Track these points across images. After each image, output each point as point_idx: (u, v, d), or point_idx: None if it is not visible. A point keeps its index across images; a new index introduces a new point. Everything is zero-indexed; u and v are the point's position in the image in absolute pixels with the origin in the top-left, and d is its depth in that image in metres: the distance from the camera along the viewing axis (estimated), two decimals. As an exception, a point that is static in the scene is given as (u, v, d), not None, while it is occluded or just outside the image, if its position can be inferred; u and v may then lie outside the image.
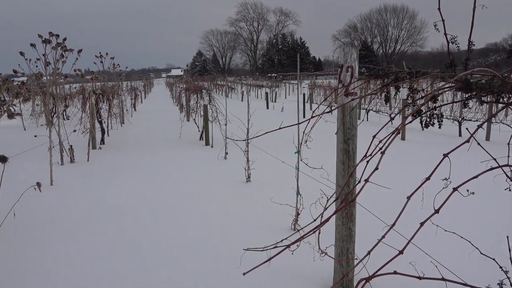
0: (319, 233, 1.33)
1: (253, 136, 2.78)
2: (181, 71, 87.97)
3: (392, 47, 74.06)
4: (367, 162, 1.36)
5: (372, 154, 1.34)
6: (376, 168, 1.10)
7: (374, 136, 1.37)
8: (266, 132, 1.73)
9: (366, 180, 1.04)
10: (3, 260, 2.77)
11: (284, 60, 79.09)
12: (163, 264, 2.68)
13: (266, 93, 19.32)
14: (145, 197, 4.26)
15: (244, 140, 3.98)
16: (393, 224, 1.17)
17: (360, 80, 2.14)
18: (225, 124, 6.32)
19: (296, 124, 1.91)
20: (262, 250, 1.43)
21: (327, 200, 1.60)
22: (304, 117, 12.51)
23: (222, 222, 3.46)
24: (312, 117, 1.70)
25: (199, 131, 8.82)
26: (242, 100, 24.01)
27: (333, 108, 1.81)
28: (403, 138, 7.92)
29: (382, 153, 1.08)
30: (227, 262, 2.66)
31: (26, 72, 6.02)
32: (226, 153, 6.25)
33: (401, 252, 1.10)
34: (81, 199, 4.24)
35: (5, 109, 3.29)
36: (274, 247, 1.45)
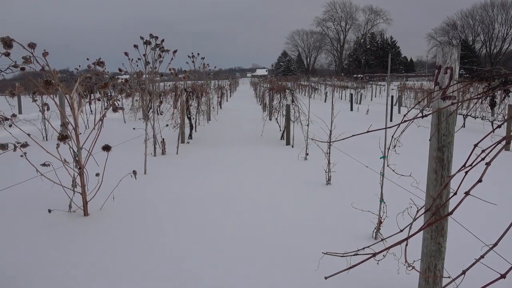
0: (407, 245, 1.24)
1: (337, 138, 2.71)
2: (266, 71, 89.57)
3: (498, 46, 66.34)
4: (466, 172, 1.23)
5: (473, 164, 1.21)
6: (480, 181, 0.99)
7: (476, 145, 1.24)
8: (354, 135, 1.66)
9: (467, 193, 0.94)
10: (102, 236, 3.11)
11: (371, 61, 75.84)
12: (239, 261, 2.76)
13: (351, 95, 18.73)
14: (225, 191, 4.42)
15: (326, 142, 3.90)
16: (495, 244, 1.04)
17: (460, 82, 1.95)
18: (307, 125, 6.27)
19: (384, 128, 1.81)
20: (342, 256, 1.38)
21: (417, 211, 1.49)
22: (391, 120, 11.86)
23: (300, 223, 3.44)
24: (403, 121, 1.59)
25: (280, 130, 8.90)
26: (325, 101, 23.62)
27: (427, 112, 1.67)
28: (507, 149, 7.06)
29: (488, 164, 0.97)
30: (304, 264, 2.64)
31: (129, 70, 6.68)
32: (307, 154, 6.21)
33: (503, 276, 0.97)
34: (170, 188, 4.56)
35: (111, 103, 3.68)
36: (354, 254, 1.40)
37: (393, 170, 2.24)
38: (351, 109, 17.08)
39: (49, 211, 3.48)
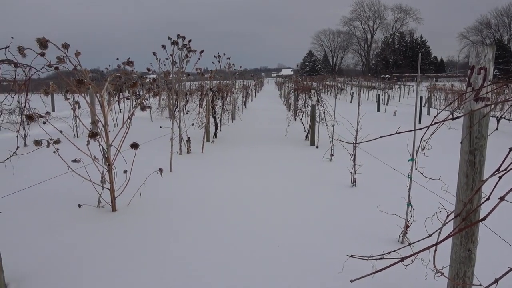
0: (436, 250, 1.21)
1: (363, 139, 2.66)
2: (291, 71, 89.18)
3: (536, 45, 63.31)
4: (500, 177, 1.18)
5: (507, 169, 1.16)
6: (515, 186, 0.95)
7: (511, 149, 1.19)
8: (381, 136, 1.63)
9: (502, 198, 0.90)
10: (129, 231, 3.19)
11: (400, 61, 74.11)
12: (262, 262, 2.76)
13: (378, 95, 18.36)
14: (248, 190, 4.44)
15: (352, 143, 3.84)
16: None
17: (494, 83, 1.88)
18: (333, 126, 6.20)
19: (413, 130, 1.77)
20: (367, 259, 1.36)
21: (447, 216, 1.44)
22: (420, 122, 11.55)
23: (324, 225, 3.41)
24: (433, 123, 1.55)
25: (305, 131, 8.84)
26: (351, 102, 23.28)
27: (459, 114, 1.62)
28: (544, 153, 6.72)
29: (524, 168, 0.93)
30: (328, 267, 2.61)
31: (156, 70, 6.82)
32: (332, 155, 6.14)
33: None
34: (194, 186, 4.62)
35: (139, 102, 3.77)
36: (380, 258, 1.37)
37: (422, 173, 2.18)
38: (378, 110, 16.75)
39: (79, 205, 3.60)
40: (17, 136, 3.34)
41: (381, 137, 1.65)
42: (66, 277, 2.45)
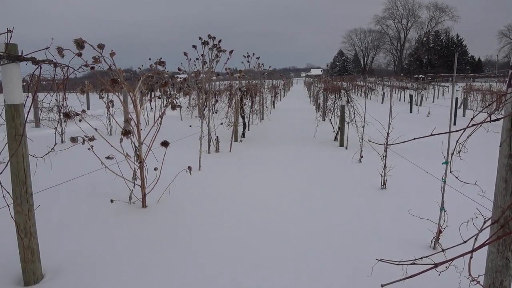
0: (471, 257, 1.16)
1: (395, 141, 2.59)
2: (321, 71, 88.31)
3: None
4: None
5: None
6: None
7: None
8: (415, 138, 1.58)
9: (544, 206, 0.85)
10: (159, 227, 3.26)
11: (434, 60, 71.72)
12: (288, 263, 2.75)
13: (411, 96, 17.85)
14: (275, 190, 4.43)
15: (383, 144, 3.76)
16: None
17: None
18: (363, 126, 6.08)
19: (448, 132, 1.70)
20: (397, 264, 1.32)
21: (484, 222, 1.38)
22: (455, 124, 11.13)
23: (352, 227, 3.35)
24: (470, 125, 1.49)
25: (334, 131, 8.73)
26: (382, 102, 22.76)
27: (498, 116, 1.54)
28: None
29: None
30: (356, 270, 2.57)
31: (187, 70, 6.93)
32: (361, 156, 6.02)
33: None
34: (223, 184, 4.67)
35: (170, 101, 3.84)
36: (412, 263, 1.33)
37: (457, 177, 2.10)
38: (410, 111, 16.29)
39: (112, 201, 3.71)
40: (55, 133, 3.49)
41: (414, 138, 1.60)
42: (99, 268, 2.54)
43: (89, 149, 3.41)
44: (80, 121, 3.47)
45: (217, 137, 6.85)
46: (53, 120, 8.54)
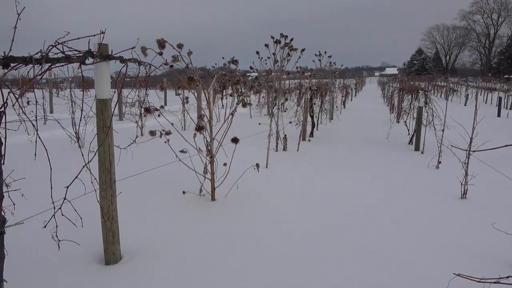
0: None
1: (479, 147, 2.36)
2: (396, 70, 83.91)
3: None
4: None
5: None
6: None
7: None
8: (507, 145, 1.43)
9: None
10: (227, 220, 3.37)
11: (530, 59, 64.08)
12: (354, 270, 2.66)
13: (499, 98, 16.17)
14: (342, 193, 4.31)
15: (465, 150, 3.45)
16: None
17: None
18: (442, 130, 5.66)
19: (547, 139, 1.51)
20: (478, 281, 1.21)
21: None
22: (552, 130, 9.84)
23: (427, 238, 3.13)
24: None
25: (409, 134, 8.25)
26: (465, 105, 20.96)
27: None
28: None
29: None
30: (430, 283, 2.40)
31: (258, 68, 7.04)
32: (439, 162, 5.61)
33: None
34: (289, 183, 4.67)
35: (241, 99, 3.93)
36: (496, 282, 1.21)
37: (555, 190, 1.85)
38: (498, 115, 14.76)
39: (183, 192, 3.92)
40: (136, 126, 3.77)
41: (507, 145, 1.45)
42: (171, 254, 2.70)
43: (165, 142, 3.62)
44: (158, 116, 3.71)
45: (285, 135, 6.86)
46: (134, 114, 9.24)
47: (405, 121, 8.68)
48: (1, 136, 1.68)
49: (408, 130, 8.48)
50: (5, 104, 1.71)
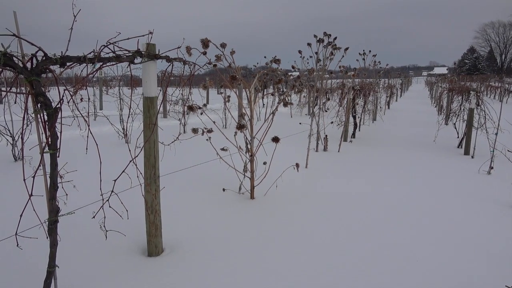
0: None
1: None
2: (446, 69, 79.95)
3: None
4: None
5: None
6: None
7: None
8: None
9: None
10: (266, 218, 3.38)
11: None
12: (397, 277, 2.57)
13: (562, 100, 14.92)
14: (385, 196, 4.17)
15: (521, 156, 3.23)
16: None
17: None
18: (495, 133, 5.32)
19: None
20: (534, 298, 1.13)
21: None
22: None
23: (477, 247, 2.96)
24: None
25: (458, 137, 7.84)
26: (522, 107, 19.56)
27: None
28: None
29: None
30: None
31: (300, 67, 6.98)
32: (491, 168, 5.28)
33: None
34: (328, 184, 4.59)
35: (283, 98, 3.93)
36: (554, 300, 1.12)
37: None
38: (561, 119, 13.64)
39: (223, 189, 3.98)
40: (179, 124, 3.88)
41: None
42: (209, 249, 2.75)
43: (207, 140, 3.70)
44: (201, 114, 3.79)
45: (326, 136, 6.76)
46: (177, 112, 9.50)
47: (454, 124, 8.26)
48: (57, 131, 1.79)
49: (458, 133, 8.07)
50: (61, 101, 1.83)
